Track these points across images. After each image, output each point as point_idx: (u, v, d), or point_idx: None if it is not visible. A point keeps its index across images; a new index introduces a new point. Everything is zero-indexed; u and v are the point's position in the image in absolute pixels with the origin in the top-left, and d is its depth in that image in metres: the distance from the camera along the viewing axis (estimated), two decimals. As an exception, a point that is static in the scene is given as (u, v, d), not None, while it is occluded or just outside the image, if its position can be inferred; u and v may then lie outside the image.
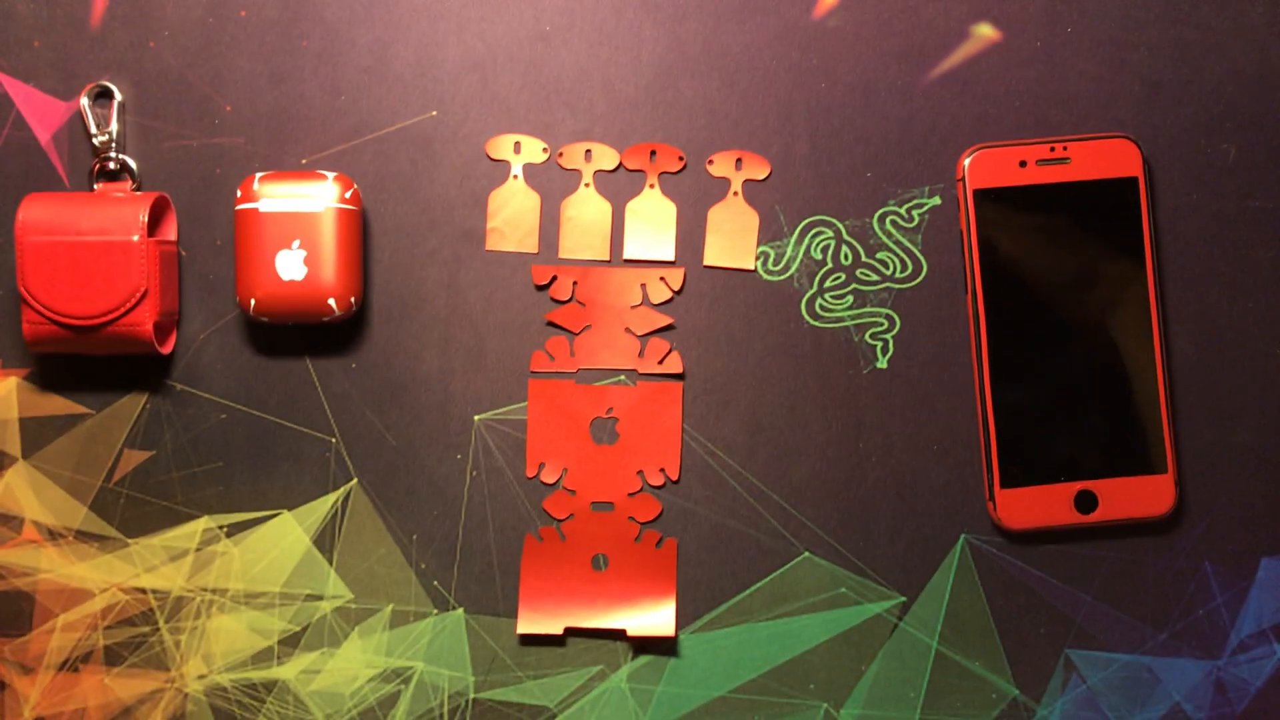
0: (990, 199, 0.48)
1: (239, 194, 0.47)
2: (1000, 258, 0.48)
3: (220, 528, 0.49)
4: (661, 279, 0.50)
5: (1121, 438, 0.48)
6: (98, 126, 0.48)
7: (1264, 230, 0.49)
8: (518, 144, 0.50)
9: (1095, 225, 0.48)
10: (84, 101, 0.49)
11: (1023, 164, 0.48)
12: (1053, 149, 0.48)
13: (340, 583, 0.49)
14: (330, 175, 0.47)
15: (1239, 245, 0.49)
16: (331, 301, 0.47)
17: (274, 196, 0.47)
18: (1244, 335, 0.49)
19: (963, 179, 0.48)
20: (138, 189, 0.49)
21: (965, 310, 0.49)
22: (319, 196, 0.47)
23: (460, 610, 0.49)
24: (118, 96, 0.49)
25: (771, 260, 0.50)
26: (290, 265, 0.47)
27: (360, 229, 0.48)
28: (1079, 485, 0.48)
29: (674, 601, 0.49)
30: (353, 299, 0.47)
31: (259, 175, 0.47)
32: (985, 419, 0.48)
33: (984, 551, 0.49)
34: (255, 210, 0.47)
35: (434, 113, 0.50)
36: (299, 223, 0.47)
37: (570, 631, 0.49)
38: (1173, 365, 0.49)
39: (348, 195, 0.47)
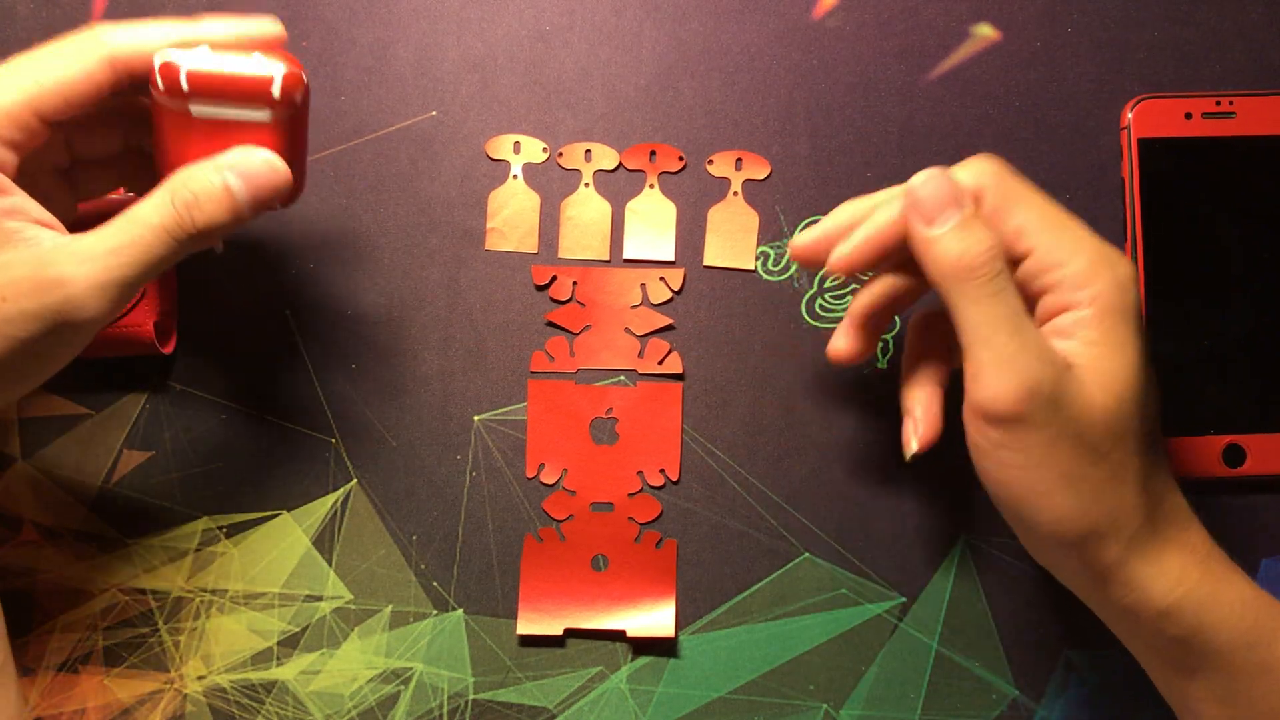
0: (1153, 149, 0.48)
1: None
2: (1161, 207, 0.48)
3: (220, 528, 0.49)
4: (661, 279, 0.50)
5: (1275, 393, 0.49)
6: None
7: None
8: (518, 144, 0.50)
9: (1259, 181, 0.49)
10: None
11: (1188, 116, 0.48)
12: (1219, 103, 0.48)
13: (340, 583, 0.49)
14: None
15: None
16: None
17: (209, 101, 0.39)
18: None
19: (1127, 128, 0.49)
20: (131, 193, 0.49)
21: None
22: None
23: (460, 611, 0.49)
24: (117, 97, 0.49)
25: (771, 260, 0.50)
26: None
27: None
28: (1228, 439, 0.48)
29: (674, 602, 0.49)
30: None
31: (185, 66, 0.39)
32: None
33: (984, 552, 0.49)
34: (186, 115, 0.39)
35: (434, 113, 0.50)
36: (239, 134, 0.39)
37: (570, 632, 0.49)
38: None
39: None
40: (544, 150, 0.50)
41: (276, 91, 0.38)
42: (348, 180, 0.50)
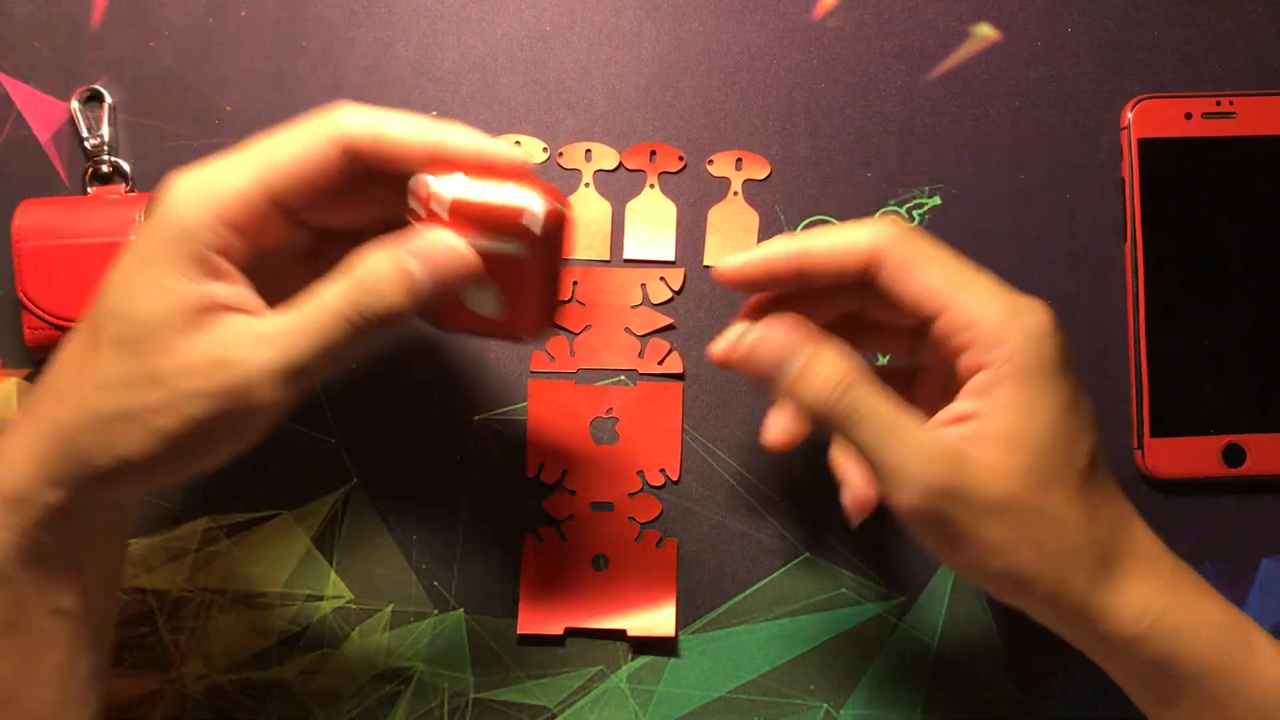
0: (1153, 149, 0.49)
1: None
2: (1161, 207, 0.49)
3: (220, 528, 0.49)
4: (661, 279, 0.50)
5: (1275, 393, 0.49)
6: (89, 130, 0.48)
7: None
8: (518, 144, 0.50)
9: (1259, 181, 0.49)
10: (74, 105, 0.48)
11: (1188, 116, 0.49)
12: (1219, 103, 0.49)
13: (340, 583, 0.49)
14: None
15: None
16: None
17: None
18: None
19: (1127, 128, 0.49)
20: (131, 191, 0.49)
21: (1123, 260, 0.49)
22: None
23: (460, 611, 0.49)
24: (108, 100, 0.49)
25: (771, 260, 0.50)
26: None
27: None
28: (1228, 438, 0.48)
29: (674, 602, 0.49)
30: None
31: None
32: (1139, 367, 0.48)
33: (984, 552, 0.49)
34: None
35: (434, 113, 0.50)
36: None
37: (570, 632, 0.49)
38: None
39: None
40: (544, 150, 0.50)
41: (537, 229, 0.37)
42: (347, 180, 0.50)
